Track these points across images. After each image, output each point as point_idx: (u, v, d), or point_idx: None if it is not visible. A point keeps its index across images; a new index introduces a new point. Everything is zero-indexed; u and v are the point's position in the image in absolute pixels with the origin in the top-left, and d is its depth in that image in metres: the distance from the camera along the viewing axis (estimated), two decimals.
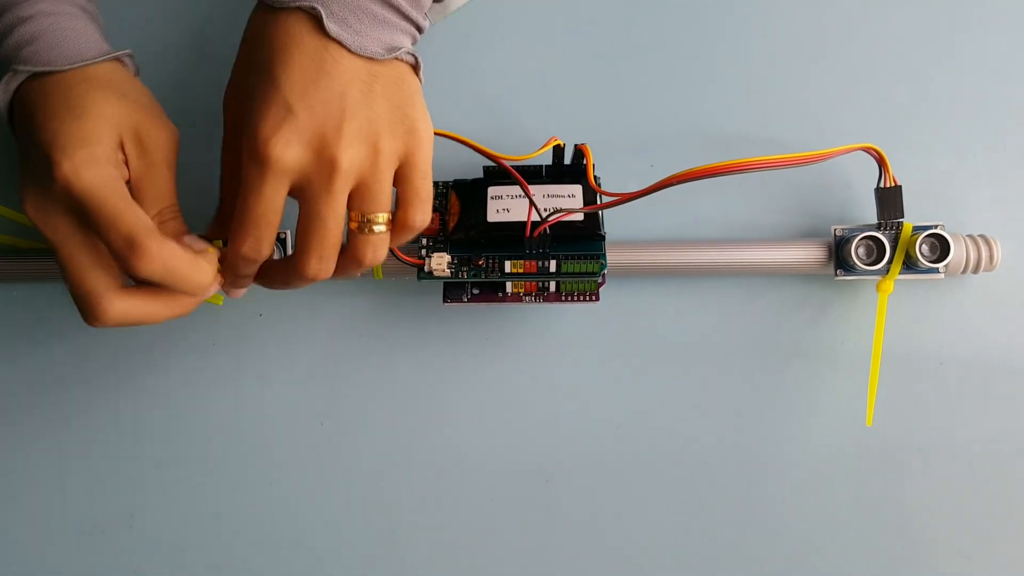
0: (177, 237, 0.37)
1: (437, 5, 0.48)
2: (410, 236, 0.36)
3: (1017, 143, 0.46)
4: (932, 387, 0.45)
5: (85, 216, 0.35)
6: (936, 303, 0.46)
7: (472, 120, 0.47)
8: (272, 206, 0.34)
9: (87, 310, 0.36)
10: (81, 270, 0.35)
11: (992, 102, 0.46)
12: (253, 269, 0.36)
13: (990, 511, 0.45)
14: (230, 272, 0.37)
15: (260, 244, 0.35)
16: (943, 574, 0.45)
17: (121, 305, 0.36)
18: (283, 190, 0.34)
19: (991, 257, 0.43)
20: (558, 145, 0.42)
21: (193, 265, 0.35)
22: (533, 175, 0.43)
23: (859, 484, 0.45)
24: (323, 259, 0.35)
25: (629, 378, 0.46)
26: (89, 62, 0.38)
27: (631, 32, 0.48)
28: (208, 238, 0.38)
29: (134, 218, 0.34)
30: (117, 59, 0.39)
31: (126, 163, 0.37)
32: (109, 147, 0.36)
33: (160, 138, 0.37)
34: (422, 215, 0.36)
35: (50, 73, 0.37)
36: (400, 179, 0.35)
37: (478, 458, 0.46)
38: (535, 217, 0.40)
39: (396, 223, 0.36)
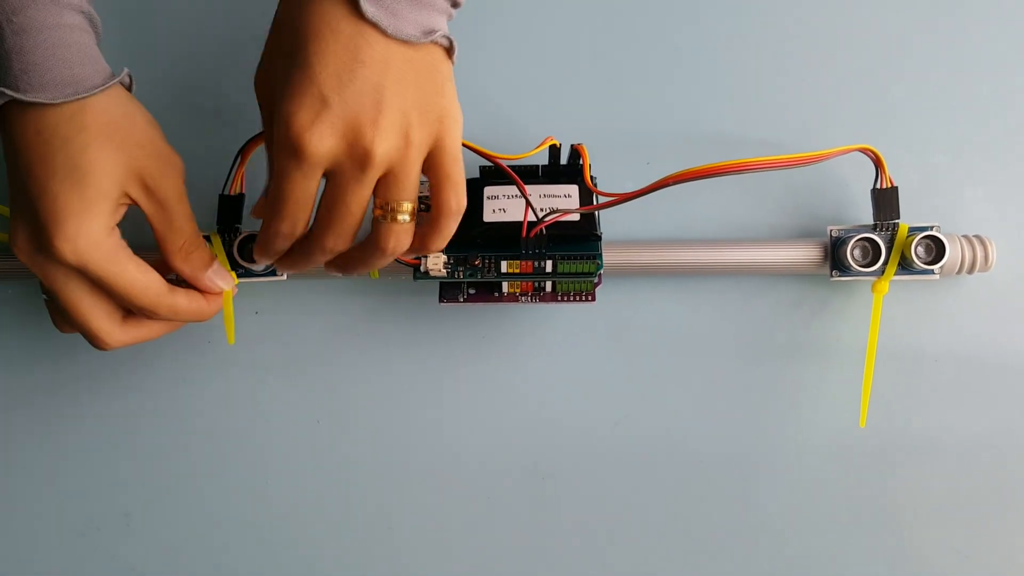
0: (202, 268, 0.39)
1: None
2: (451, 222, 0.35)
3: (1012, 143, 0.46)
4: (927, 386, 0.46)
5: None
6: (931, 303, 0.46)
7: (468, 120, 0.47)
8: (306, 192, 0.34)
9: (91, 342, 0.39)
10: (83, 312, 0.37)
11: (988, 102, 0.46)
12: (287, 244, 0.36)
13: (985, 509, 0.45)
14: (264, 249, 0.36)
15: (296, 224, 0.35)
16: (938, 571, 0.45)
17: (122, 336, 0.39)
18: (316, 178, 0.34)
19: (986, 258, 0.43)
20: (554, 145, 0.42)
21: (201, 309, 0.39)
22: (529, 175, 0.43)
23: (854, 482, 0.45)
24: (339, 237, 0.35)
25: (625, 377, 0.46)
26: (86, 94, 0.35)
27: (628, 32, 0.48)
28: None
29: (142, 285, 0.37)
30: (117, 83, 0.37)
31: (137, 204, 0.37)
32: (111, 212, 0.36)
33: (166, 176, 0.37)
34: (456, 198, 0.35)
35: (44, 105, 0.35)
36: (431, 165, 0.35)
37: (475, 457, 0.46)
38: (531, 217, 0.40)
39: (434, 211, 0.35)
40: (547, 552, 0.46)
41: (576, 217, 0.41)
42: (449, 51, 0.36)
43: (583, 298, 0.42)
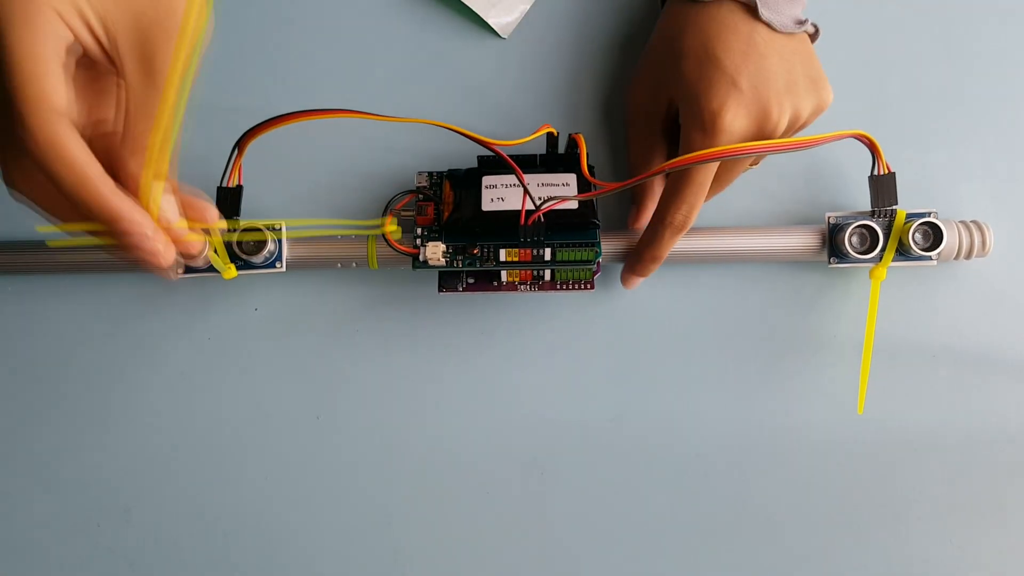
0: (149, 175, 0.30)
1: None
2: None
3: (1010, 135, 0.47)
4: (924, 373, 0.46)
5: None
6: (929, 288, 0.46)
7: (464, 109, 0.47)
8: (707, 175, 0.39)
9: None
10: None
11: (987, 95, 0.47)
12: (676, 240, 0.40)
13: (982, 503, 0.45)
14: (650, 247, 0.41)
15: (691, 213, 0.39)
16: (935, 565, 0.45)
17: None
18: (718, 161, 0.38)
19: (984, 243, 0.43)
20: (551, 134, 0.42)
21: (152, 244, 0.31)
22: (527, 164, 0.43)
23: (851, 473, 0.45)
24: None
25: (623, 367, 0.46)
26: None
27: (626, 21, 0.48)
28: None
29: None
30: None
31: (111, 61, 0.30)
32: (65, 86, 0.29)
33: (146, 25, 0.29)
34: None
35: None
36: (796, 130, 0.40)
37: (474, 449, 0.46)
38: (529, 205, 0.40)
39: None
40: (545, 547, 0.45)
41: (574, 205, 0.41)
42: (813, 36, 0.41)
43: (582, 286, 0.42)
